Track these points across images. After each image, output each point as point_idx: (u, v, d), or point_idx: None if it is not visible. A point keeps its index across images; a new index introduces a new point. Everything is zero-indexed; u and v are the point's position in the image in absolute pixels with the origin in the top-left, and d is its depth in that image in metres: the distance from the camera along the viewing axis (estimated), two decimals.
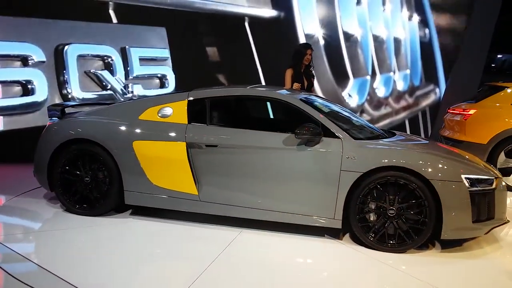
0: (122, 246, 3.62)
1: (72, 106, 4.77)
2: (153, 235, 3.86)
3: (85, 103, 5.51)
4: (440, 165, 3.64)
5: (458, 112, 6.16)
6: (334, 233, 3.94)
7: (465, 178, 3.61)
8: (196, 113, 4.14)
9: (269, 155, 3.86)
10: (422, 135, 9.48)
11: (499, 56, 21.50)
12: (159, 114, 4.18)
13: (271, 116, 4.65)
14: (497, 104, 5.86)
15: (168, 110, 4.18)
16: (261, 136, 3.92)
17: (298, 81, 5.54)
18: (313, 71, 5.83)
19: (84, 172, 4.19)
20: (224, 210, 3.97)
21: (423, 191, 3.55)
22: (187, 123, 4.09)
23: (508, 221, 4.01)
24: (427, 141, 4.69)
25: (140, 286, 2.98)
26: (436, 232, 3.60)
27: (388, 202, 3.64)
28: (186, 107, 4.15)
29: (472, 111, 5.96)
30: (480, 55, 8.48)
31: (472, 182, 3.63)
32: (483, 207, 3.69)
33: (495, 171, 4.01)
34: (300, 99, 4.07)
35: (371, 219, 3.70)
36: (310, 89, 5.71)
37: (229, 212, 3.96)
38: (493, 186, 3.75)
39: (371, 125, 4.66)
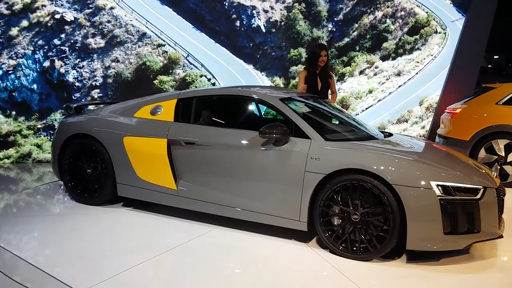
0: (96, 233, 3.90)
1: (87, 104, 5.20)
2: (131, 224, 4.11)
3: (99, 102, 5.95)
4: (406, 170, 3.37)
5: (449, 111, 6.50)
6: (307, 236, 3.84)
7: (436, 185, 3.31)
8: (182, 111, 4.30)
9: (239, 154, 3.88)
10: (418, 135, 9.03)
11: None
12: (151, 112, 4.41)
13: (253, 115, 4.64)
14: (482, 103, 6.17)
15: (159, 109, 4.40)
16: (232, 134, 3.96)
17: (311, 82, 5.44)
18: (330, 72, 5.68)
19: (87, 164, 4.56)
20: (199, 206, 4.07)
21: (387, 197, 3.33)
22: (172, 121, 4.27)
23: (501, 236, 3.59)
24: (423, 143, 4.36)
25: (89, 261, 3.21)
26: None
27: (352, 207, 3.47)
28: (174, 106, 4.34)
29: (458, 110, 6.32)
30: (477, 55, 8.36)
31: (447, 190, 3.32)
32: (462, 218, 3.35)
33: (492, 180, 3.61)
34: (280, 99, 4.03)
35: (335, 223, 3.55)
36: (325, 90, 5.57)
37: (203, 208, 4.05)
38: (477, 196, 3.39)
39: (368, 127, 4.46)
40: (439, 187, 3.31)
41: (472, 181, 3.44)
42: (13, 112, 7.66)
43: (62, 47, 7.88)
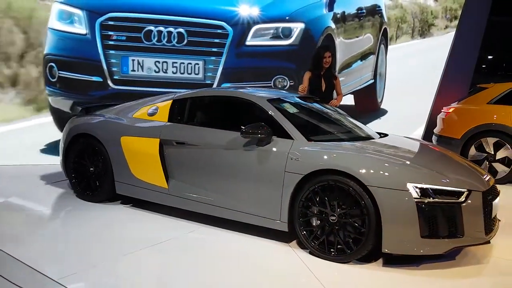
0: (87, 226, 4.07)
1: (98, 106, 5.40)
2: (118, 221, 4.26)
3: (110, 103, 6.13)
4: (383, 171, 3.31)
5: (444, 110, 6.74)
6: (292, 237, 3.82)
7: (414, 186, 3.22)
8: (175, 112, 4.41)
9: (223, 153, 3.94)
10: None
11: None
12: (148, 113, 4.55)
13: (240, 116, 4.66)
14: (475, 103, 6.42)
15: (155, 110, 4.53)
16: (218, 134, 4.02)
17: (315, 84, 5.42)
18: (335, 73, 5.62)
19: (89, 163, 4.76)
20: (187, 205, 4.15)
21: (363, 198, 3.28)
22: (167, 121, 4.39)
23: (489, 242, 3.45)
24: (417, 144, 4.27)
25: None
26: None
27: (329, 208, 3.43)
28: (169, 107, 4.45)
29: (451, 109, 6.60)
30: (471, 55, 8.36)
31: (426, 192, 3.22)
32: (442, 222, 3.24)
33: (481, 183, 3.46)
34: (267, 100, 4.06)
35: (314, 224, 3.53)
36: (330, 91, 5.52)
37: (191, 206, 4.13)
38: (460, 199, 3.27)
39: (363, 127, 4.41)
40: (417, 189, 3.22)
41: (455, 184, 3.32)
42: None
43: None
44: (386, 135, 4.39)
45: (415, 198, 3.20)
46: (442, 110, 6.81)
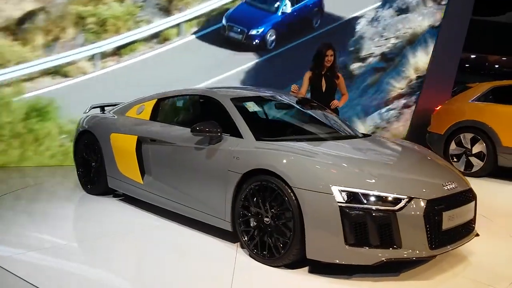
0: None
1: (110, 105, 5.76)
2: (93, 212, 4.53)
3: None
4: (311, 173, 3.12)
5: (434, 108, 7.32)
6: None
7: (340, 190, 3.00)
8: (155, 111, 4.58)
9: (181, 150, 4.01)
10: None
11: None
12: (137, 112, 4.78)
13: (205, 113, 4.64)
14: (459, 101, 6.99)
15: (142, 108, 4.74)
16: (179, 132, 4.09)
17: (315, 84, 5.23)
18: (338, 73, 5.34)
19: (92, 158, 5.12)
20: (154, 200, 4.29)
21: (289, 200, 3.13)
22: (148, 119, 4.57)
23: (434, 257, 3.09)
24: (390, 146, 3.96)
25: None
26: None
27: (264, 209, 3.33)
28: (152, 105, 4.63)
29: (438, 107, 7.20)
30: (455, 55, 8.49)
31: (355, 197, 2.98)
32: (372, 230, 2.97)
33: (434, 191, 3.12)
34: (231, 98, 4.03)
35: (251, 225, 3.44)
36: (331, 92, 5.27)
37: (157, 201, 4.26)
38: (396, 207, 2.97)
39: (345, 128, 4.24)
40: (343, 193, 2.99)
41: (393, 189, 3.03)
42: None
43: None
44: (368, 135, 4.15)
45: (339, 202, 2.97)
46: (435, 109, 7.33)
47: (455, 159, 6.75)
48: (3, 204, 4.69)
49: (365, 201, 2.98)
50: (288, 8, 7.75)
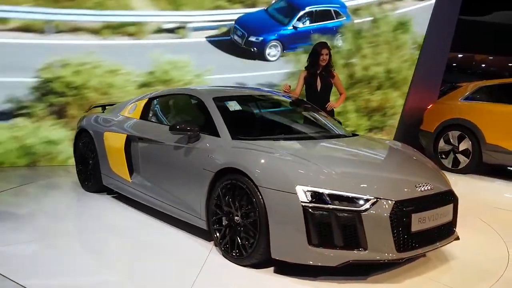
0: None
1: (110, 105, 5.86)
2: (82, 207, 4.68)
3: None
4: (277, 172, 3.09)
5: (426, 107, 7.48)
6: None
7: (305, 190, 2.95)
8: (145, 110, 4.64)
9: (162, 148, 4.06)
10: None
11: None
12: (129, 111, 4.85)
13: (189, 112, 4.65)
14: (449, 100, 7.16)
15: (134, 107, 4.82)
16: (161, 130, 4.13)
17: (310, 83, 5.17)
18: (334, 72, 5.26)
19: (89, 156, 5.23)
20: (140, 197, 4.34)
21: (255, 198, 3.11)
22: (138, 118, 4.64)
23: (402, 260, 3.00)
24: (372, 146, 3.90)
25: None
26: None
27: (234, 208, 3.32)
28: (143, 105, 4.70)
29: (430, 106, 7.40)
30: (442, 55, 8.41)
31: (320, 197, 2.93)
32: (337, 231, 2.91)
33: (405, 192, 3.04)
34: (213, 98, 4.04)
35: (223, 223, 3.43)
36: (326, 91, 5.19)
37: (142, 199, 4.31)
38: (362, 208, 2.91)
39: (332, 127, 4.20)
40: (308, 193, 2.95)
41: (358, 190, 2.96)
42: None
43: None
44: (355, 135, 4.11)
45: (302, 202, 2.93)
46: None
47: (443, 156, 6.91)
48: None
49: (329, 201, 2.93)
50: (303, 24, 7.56)
